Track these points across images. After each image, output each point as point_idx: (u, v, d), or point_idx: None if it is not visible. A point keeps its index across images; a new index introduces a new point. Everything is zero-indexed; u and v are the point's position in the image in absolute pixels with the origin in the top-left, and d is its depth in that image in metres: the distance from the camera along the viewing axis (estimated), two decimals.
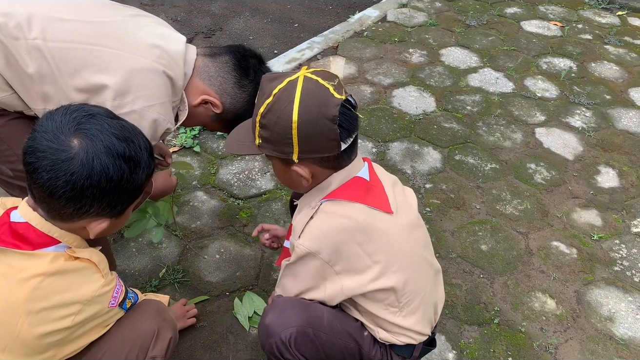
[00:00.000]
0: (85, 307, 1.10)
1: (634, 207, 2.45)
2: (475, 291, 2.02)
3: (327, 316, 1.33)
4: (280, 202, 2.34)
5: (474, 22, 3.95)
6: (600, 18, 4.15)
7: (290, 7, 4.22)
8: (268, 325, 1.32)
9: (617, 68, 3.51)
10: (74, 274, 1.10)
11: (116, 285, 1.20)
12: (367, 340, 1.36)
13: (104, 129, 1.05)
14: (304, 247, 1.23)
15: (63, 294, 1.07)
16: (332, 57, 3.40)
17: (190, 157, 2.54)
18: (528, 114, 3.02)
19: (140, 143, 1.10)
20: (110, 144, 1.04)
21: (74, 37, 1.39)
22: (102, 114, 1.09)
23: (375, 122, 2.87)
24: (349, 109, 1.19)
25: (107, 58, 1.39)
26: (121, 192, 1.08)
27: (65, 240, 1.12)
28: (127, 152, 1.06)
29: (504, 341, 1.86)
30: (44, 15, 1.39)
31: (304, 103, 1.14)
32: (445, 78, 3.29)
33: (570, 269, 2.14)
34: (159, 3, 4.12)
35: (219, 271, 2.03)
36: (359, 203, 1.24)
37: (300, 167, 1.23)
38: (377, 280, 1.26)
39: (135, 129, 1.13)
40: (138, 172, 1.09)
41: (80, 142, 1.02)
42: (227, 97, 1.55)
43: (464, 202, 2.41)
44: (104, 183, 1.04)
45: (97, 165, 1.02)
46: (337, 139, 1.17)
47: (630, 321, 1.96)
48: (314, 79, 1.17)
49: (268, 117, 1.18)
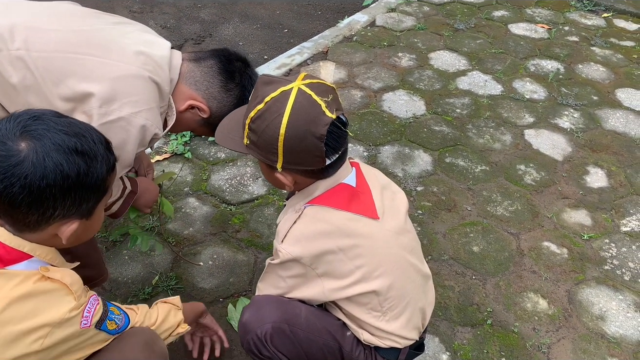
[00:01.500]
0: (55, 329, 1.05)
1: (623, 207, 2.47)
2: (467, 292, 2.04)
3: (305, 313, 1.34)
4: (273, 207, 2.34)
5: (462, 25, 3.98)
6: (586, 20, 4.20)
7: (280, 12, 4.23)
8: (245, 322, 1.34)
9: (604, 69, 3.55)
10: (43, 296, 1.05)
11: (87, 304, 1.13)
12: (349, 340, 1.37)
13: (51, 127, 1.01)
14: (285, 252, 1.24)
15: (32, 318, 1.02)
16: (322, 62, 3.42)
17: (182, 163, 2.54)
18: (517, 116, 3.04)
19: (94, 137, 1.07)
20: (60, 141, 1.00)
21: (57, 47, 1.38)
22: (48, 114, 1.05)
23: (366, 126, 2.88)
24: (338, 128, 1.18)
25: (92, 66, 1.38)
26: (82, 188, 1.04)
27: (37, 253, 1.07)
28: (79, 146, 1.02)
29: (497, 342, 1.88)
30: (27, 25, 1.38)
31: (293, 118, 1.13)
32: (434, 81, 3.31)
33: (561, 269, 2.15)
34: (148, 10, 4.12)
35: (212, 277, 2.03)
36: (342, 210, 1.25)
37: (283, 175, 1.24)
38: (359, 284, 1.27)
39: (85, 125, 1.09)
40: (95, 165, 1.05)
41: (28, 143, 0.98)
42: (214, 101, 1.54)
43: (455, 204, 2.43)
44: (61, 180, 1.00)
45: (49, 163, 0.98)
46: (322, 156, 1.17)
47: (621, 319, 1.98)
48: (308, 93, 1.15)
49: (257, 123, 1.18)
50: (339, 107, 1.19)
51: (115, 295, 1.93)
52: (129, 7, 4.10)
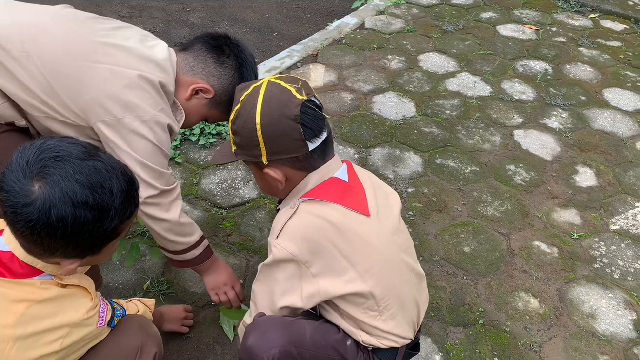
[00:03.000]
0: (73, 329, 1.10)
1: (612, 205, 2.50)
2: (459, 293, 2.04)
3: (310, 332, 1.33)
4: (264, 210, 2.34)
5: (451, 27, 4.01)
6: (573, 21, 4.23)
7: (269, 15, 4.24)
8: (250, 348, 1.30)
9: (591, 69, 3.58)
10: (62, 300, 1.10)
11: (101, 304, 1.19)
12: (351, 349, 1.36)
13: (68, 175, 0.99)
14: (280, 247, 1.24)
15: (51, 319, 1.07)
16: (312, 65, 3.42)
17: (172, 167, 2.54)
18: (506, 117, 3.06)
19: (113, 187, 1.03)
20: (71, 192, 0.98)
21: (66, 50, 1.42)
22: (74, 155, 1.02)
23: (357, 128, 2.89)
24: (312, 109, 1.21)
25: (104, 75, 1.43)
26: (87, 238, 1.04)
27: (48, 270, 1.10)
28: (90, 200, 1.00)
29: (489, 341, 1.88)
30: (34, 27, 1.43)
31: (266, 105, 1.18)
32: (424, 83, 3.33)
33: (551, 268, 2.17)
34: (137, 14, 4.10)
35: (203, 282, 2.02)
36: (336, 203, 1.26)
37: (271, 170, 1.25)
38: (354, 282, 1.27)
39: (112, 169, 1.05)
40: (105, 219, 1.03)
41: (41, 187, 0.97)
42: (214, 78, 1.60)
43: (446, 205, 2.44)
44: (62, 232, 0.99)
45: (53, 215, 0.97)
46: (302, 138, 1.20)
47: (611, 317, 1.99)
48: (277, 82, 1.22)
49: (237, 122, 1.23)
50: (310, 92, 1.23)
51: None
52: (118, 12, 4.09)
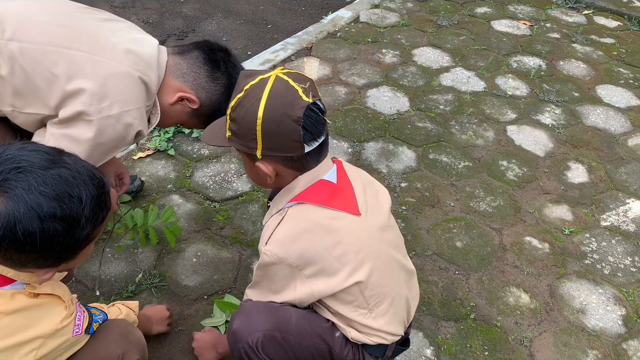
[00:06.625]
0: (48, 340, 1.06)
1: (603, 202, 2.51)
2: (451, 287, 2.05)
3: (296, 318, 1.33)
4: (257, 203, 2.34)
5: (445, 22, 4.00)
6: (568, 17, 4.24)
7: (263, 8, 4.21)
8: (235, 331, 1.34)
9: (585, 66, 3.59)
10: (34, 310, 1.06)
11: (77, 312, 1.15)
12: (339, 340, 1.37)
13: (32, 187, 0.91)
14: (270, 254, 1.24)
15: (24, 331, 1.03)
16: (306, 58, 3.41)
17: (165, 160, 2.52)
18: (499, 112, 3.07)
19: (82, 195, 0.97)
20: (37, 206, 0.91)
21: (48, 39, 1.39)
22: (35, 164, 0.94)
23: (350, 122, 2.89)
24: (315, 113, 1.19)
25: (83, 63, 1.39)
26: (58, 250, 0.98)
27: (20, 278, 1.05)
28: (58, 212, 0.93)
29: (480, 336, 1.90)
30: (18, 15, 1.40)
31: (270, 101, 1.16)
32: (418, 78, 3.33)
33: (543, 264, 2.18)
34: (130, 5, 4.07)
35: (196, 275, 2.02)
36: (324, 206, 1.26)
37: (263, 164, 1.24)
38: (345, 281, 1.27)
39: (78, 174, 0.98)
40: (76, 229, 0.98)
41: (3, 202, 0.90)
42: (203, 91, 1.57)
43: (439, 200, 2.44)
44: (30, 247, 0.94)
45: (19, 231, 0.91)
46: (300, 141, 1.18)
47: (601, 313, 2.01)
48: (285, 79, 1.19)
49: (237, 111, 1.21)
50: (316, 95, 1.22)
51: (98, 294, 1.91)
52: (111, 2, 4.05)
